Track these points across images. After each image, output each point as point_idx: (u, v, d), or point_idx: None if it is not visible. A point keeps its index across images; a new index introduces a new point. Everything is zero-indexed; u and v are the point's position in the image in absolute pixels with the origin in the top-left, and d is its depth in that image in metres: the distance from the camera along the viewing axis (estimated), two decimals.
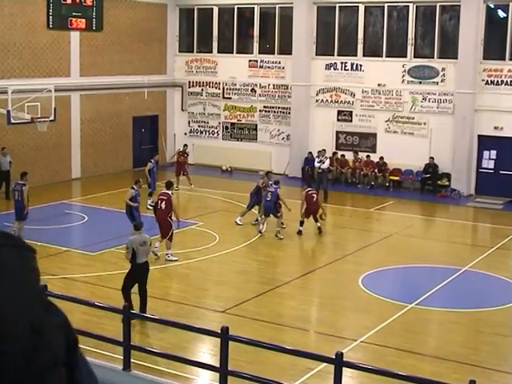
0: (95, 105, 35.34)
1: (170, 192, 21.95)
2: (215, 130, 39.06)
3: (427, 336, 17.07)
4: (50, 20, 32.49)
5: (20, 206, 22.99)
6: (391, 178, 34.04)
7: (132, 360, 12.51)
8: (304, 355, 11.90)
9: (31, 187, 26.07)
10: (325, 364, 12.90)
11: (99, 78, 35.20)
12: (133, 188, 23.89)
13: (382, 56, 34.52)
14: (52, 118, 28.25)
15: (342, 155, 34.87)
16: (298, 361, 13.12)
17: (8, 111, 26.74)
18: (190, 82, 39.42)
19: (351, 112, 35.18)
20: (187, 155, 33.43)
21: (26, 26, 31.66)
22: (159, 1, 38.33)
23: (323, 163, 31.24)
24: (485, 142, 32.39)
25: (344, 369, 10.34)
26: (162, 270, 21.11)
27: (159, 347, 13.79)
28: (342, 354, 10.29)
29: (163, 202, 21.58)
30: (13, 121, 27.15)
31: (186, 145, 34.36)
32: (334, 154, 34.37)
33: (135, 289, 16.51)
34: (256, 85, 37.56)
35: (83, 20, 33.82)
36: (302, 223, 25.02)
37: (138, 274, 16.63)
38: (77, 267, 21.01)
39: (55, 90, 28.51)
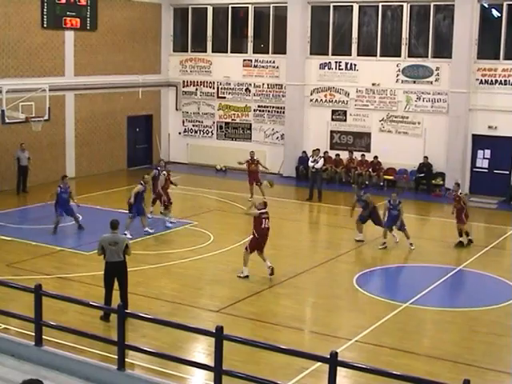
0: (90, 104, 35.31)
1: None
2: (209, 130, 39.05)
3: (422, 335, 17.08)
4: (45, 19, 32.44)
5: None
6: (385, 177, 34.09)
7: (127, 359, 12.49)
8: (299, 355, 11.88)
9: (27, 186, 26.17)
10: (319, 363, 12.91)
11: (94, 78, 35.18)
12: (141, 183, 24.68)
13: (376, 55, 34.55)
14: (46, 117, 28.26)
15: (337, 154, 34.90)
16: (292, 360, 13.12)
17: (2, 111, 26.75)
18: (184, 81, 39.40)
19: (345, 111, 35.22)
20: (257, 162, 31.07)
21: (20, 26, 31.61)
22: (153, 0, 38.31)
23: (317, 162, 31.25)
24: (479, 142, 32.44)
25: (339, 368, 10.33)
26: (157, 269, 21.11)
27: (154, 347, 13.77)
28: (336, 353, 10.28)
29: None
30: (7, 120, 27.14)
31: (252, 151, 31.61)
32: (325, 153, 34.35)
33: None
34: (250, 84, 37.56)
35: (78, 19, 33.78)
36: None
37: (110, 273, 16.69)
38: (71, 267, 20.99)
39: (50, 90, 28.52)
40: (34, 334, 13.37)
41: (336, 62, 35.27)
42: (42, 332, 13.25)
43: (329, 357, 10.30)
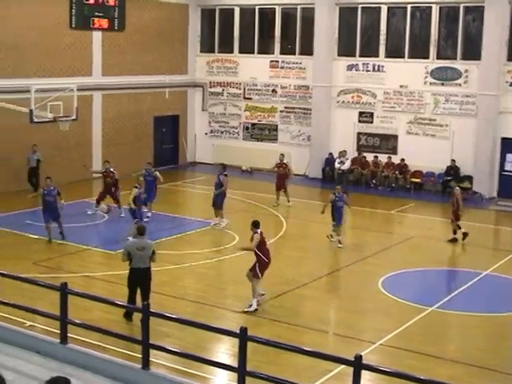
0: (117, 104, 35.44)
1: None
2: (236, 131, 39.07)
3: (447, 340, 16.97)
4: (73, 20, 32.52)
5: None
6: (412, 180, 33.93)
7: (150, 359, 12.50)
8: (323, 357, 11.82)
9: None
10: (343, 366, 12.83)
11: (121, 78, 35.31)
12: (136, 187, 24.29)
13: (404, 57, 34.42)
14: (74, 117, 28.33)
15: (363, 156, 34.80)
16: (316, 362, 13.06)
17: (31, 110, 26.84)
18: (210, 82, 39.45)
19: (372, 113, 35.10)
20: (286, 166, 30.32)
21: (49, 26, 31.82)
22: (181, 1, 38.39)
23: (343, 164, 31.15)
24: (508, 145, 32.19)
25: (363, 371, 10.27)
26: (182, 269, 21.14)
27: (178, 346, 13.77)
28: (360, 356, 10.22)
29: None
30: (35, 120, 27.23)
31: (282, 154, 31.15)
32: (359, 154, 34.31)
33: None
34: (277, 85, 37.54)
35: (106, 20, 33.84)
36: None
37: (135, 279, 16.48)
38: (97, 265, 21.07)
39: (77, 90, 28.60)
40: (59, 331, 13.43)
41: (363, 64, 35.17)
42: (67, 330, 13.30)
43: (353, 360, 10.25)
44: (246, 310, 17.84)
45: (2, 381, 5.93)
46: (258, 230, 18.33)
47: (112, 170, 27.02)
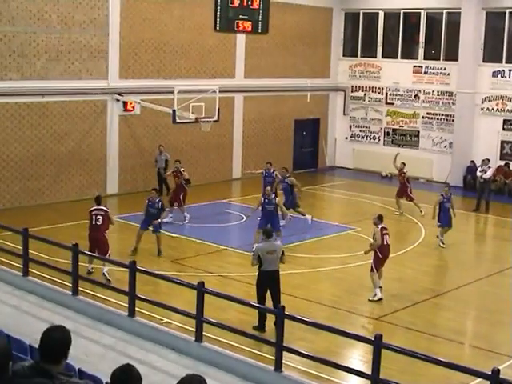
0: (258, 106, 35.76)
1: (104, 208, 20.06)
2: (376, 136, 38.77)
3: None
4: (218, 22, 33.16)
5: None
6: None
7: (283, 361, 12.54)
8: (458, 369, 11.57)
9: (193, 185, 26.75)
10: (479, 379, 12.51)
11: (263, 81, 35.62)
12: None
13: None
14: (215, 118, 28.72)
15: (507, 164, 33.90)
16: (451, 374, 12.78)
17: (173, 111, 27.38)
18: (352, 86, 39.30)
19: None
20: (404, 174, 29.29)
21: (193, 28, 32.43)
22: (325, 5, 38.39)
23: (485, 173, 30.44)
24: None
25: None
26: (318, 273, 21.11)
27: (310, 350, 13.75)
28: (498, 370, 9.95)
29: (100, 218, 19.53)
30: (178, 120, 27.76)
31: (403, 163, 29.60)
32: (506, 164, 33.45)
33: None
34: (420, 91, 37.02)
35: (249, 23, 34.30)
36: None
37: (266, 282, 16.25)
38: (233, 266, 21.28)
39: (219, 91, 28.99)
40: (194, 329, 13.64)
41: (510, 70, 34.24)
42: (202, 328, 13.50)
43: (490, 373, 9.99)
44: (370, 298, 18.55)
45: (138, 375, 6.04)
46: (380, 225, 18.84)
47: (181, 170, 25.97)
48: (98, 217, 19.48)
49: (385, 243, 18.87)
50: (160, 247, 21.82)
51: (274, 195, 23.46)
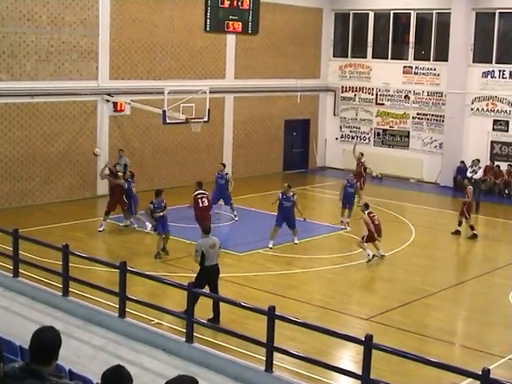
0: (248, 107, 35.76)
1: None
2: (367, 136, 38.80)
3: None
4: (208, 23, 33.15)
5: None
6: None
7: (274, 362, 12.53)
8: (449, 369, 11.59)
9: (183, 186, 26.69)
10: (470, 380, 12.52)
11: (253, 81, 35.61)
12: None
13: None
14: (206, 119, 28.69)
15: (497, 166, 33.96)
16: (442, 374, 12.80)
17: (164, 111, 27.34)
18: (343, 86, 39.33)
19: (508, 122, 34.20)
20: (362, 164, 30.90)
21: (183, 29, 32.41)
22: (315, 5, 38.42)
23: (476, 173, 30.49)
24: None
25: None
26: (308, 273, 21.11)
27: (301, 350, 13.74)
28: (488, 370, 9.96)
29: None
30: (168, 121, 27.73)
31: (361, 153, 31.43)
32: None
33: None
34: (410, 91, 37.07)
35: (240, 23, 34.29)
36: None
37: (209, 276, 16.55)
38: (224, 267, 21.10)
39: (210, 92, 28.97)
40: (185, 330, 13.63)
41: (500, 71, 34.31)
42: (193, 329, 13.49)
43: (480, 373, 10.00)
44: (367, 261, 21.62)
45: (129, 376, 6.02)
46: (367, 211, 22.20)
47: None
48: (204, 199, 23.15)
49: (376, 223, 22.12)
50: (165, 245, 22.26)
51: (292, 193, 23.83)
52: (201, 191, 23.51)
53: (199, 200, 23.24)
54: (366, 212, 22.26)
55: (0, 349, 6.17)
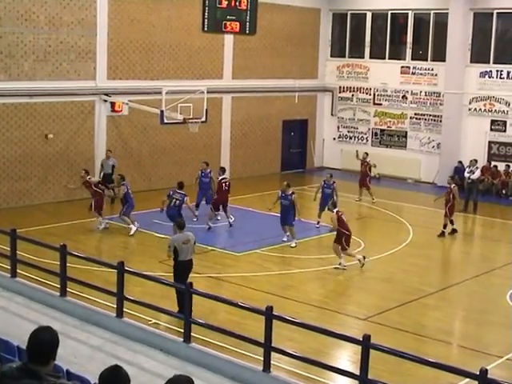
0: (246, 107, 35.76)
1: None
2: (364, 136, 38.81)
3: None
4: (206, 23, 33.14)
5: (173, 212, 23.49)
6: None
7: (271, 362, 12.53)
8: (447, 369, 11.59)
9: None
10: (468, 380, 12.52)
11: (251, 81, 35.61)
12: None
13: None
14: (203, 119, 28.67)
15: (494, 166, 33.98)
16: (440, 374, 12.78)
17: (161, 111, 27.34)
18: (340, 87, 39.33)
19: (505, 122, 34.21)
20: (367, 164, 31.66)
21: (181, 29, 32.40)
22: (313, 5, 38.42)
23: (473, 173, 30.50)
24: None
25: None
26: (306, 273, 21.11)
27: (299, 350, 13.73)
28: (486, 370, 9.97)
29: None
30: (166, 121, 27.72)
31: (366, 153, 32.47)
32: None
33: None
34: (407, 91, 37.08)
35: (237, 23, 34.29)
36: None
37: (183, 271, 16.65)
38: (222, 267, 21.26)
39: (207, 92, 28.95)
40: (182, 330, 13.63)
41: (497, 71, 34.33)
42: (190, 329, 13.49)
43: (478, 373, 10.00)
44: (334, 267, 21.13)
45: (126, 376, 6.03)
46: (335, 210, 21.63)
47: (88, 178, 25.06)
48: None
49: (345, 222, 21.63)
50: None
51: (290, 191, 23.96)
52: (224, 176, 26.16)
53: (223, 184, 25.68)
54: (335, 211, 21.69)
55: None
